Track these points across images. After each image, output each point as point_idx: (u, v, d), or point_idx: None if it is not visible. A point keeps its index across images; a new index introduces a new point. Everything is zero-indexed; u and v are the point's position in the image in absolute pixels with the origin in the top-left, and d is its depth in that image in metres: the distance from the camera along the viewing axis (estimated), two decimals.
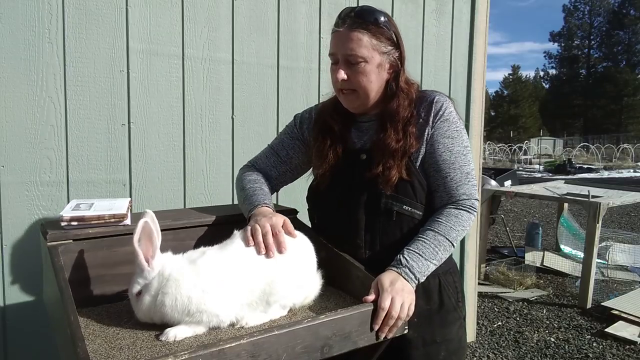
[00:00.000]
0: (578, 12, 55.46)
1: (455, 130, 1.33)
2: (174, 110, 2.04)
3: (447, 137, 1.32)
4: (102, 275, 1.23)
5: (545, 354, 3.28)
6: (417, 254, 1.22)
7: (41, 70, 1.75)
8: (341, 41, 1.28)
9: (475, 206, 1.33)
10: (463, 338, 1.44)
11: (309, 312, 1.20)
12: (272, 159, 1.52)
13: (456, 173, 1.31)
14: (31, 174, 1.76)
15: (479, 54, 3.11)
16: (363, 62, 1.27)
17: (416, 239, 1.26)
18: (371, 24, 1.27)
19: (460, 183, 1.31)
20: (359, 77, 1.29)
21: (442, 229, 1.26)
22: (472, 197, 1.32)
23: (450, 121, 1.33)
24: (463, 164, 1.32)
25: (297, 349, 0.99)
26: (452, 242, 1.27)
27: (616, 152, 26.44)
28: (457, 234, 1.28)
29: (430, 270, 1.24)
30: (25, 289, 1.79)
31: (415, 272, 1.20)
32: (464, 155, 1.33)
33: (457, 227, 1.28)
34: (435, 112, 1.33)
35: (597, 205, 4.09)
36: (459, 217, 1.29)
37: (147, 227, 1.05)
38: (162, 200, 2.03)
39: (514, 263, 5.24)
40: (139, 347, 0.99)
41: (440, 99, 1.35)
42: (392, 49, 1.31)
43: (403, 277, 1.18)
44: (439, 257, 1.25)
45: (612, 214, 8.81)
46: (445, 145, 1.32)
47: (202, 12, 2.07)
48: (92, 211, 1.24)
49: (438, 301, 1.37)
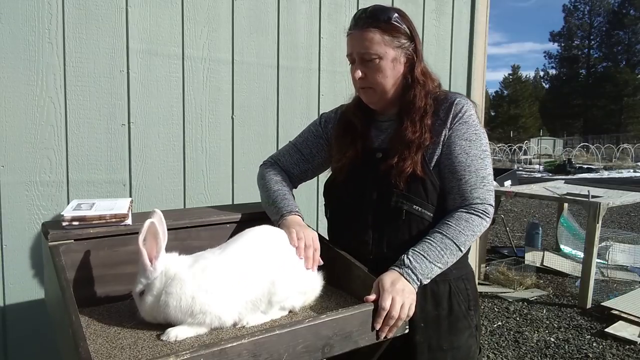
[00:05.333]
0: (578, 12, 55.47)
1: (474, 133, 1.32)
2: (174, 110, 2.04)
3: (464, 139, 1.31)
4: (103, 275, 1.23)
5: (545, 354, 3.28)
6: (422, 255, 1.21)
7: (41, 70, 1.75)
8: (355, 41, 1.33)
9: (488, 212, 1.29)
10: (473, 348, 1.40)
11: (310, 312, 1.20)
12: (296, 156, 1.53)
13: (471, 176, 1.29)
14: (31, 174, 1.76)
15: (479, 54, 3.11)
16: (377, 59, 1.30)
17: (423, 240, 1.25)
18: (382, 22, 1.30)
19: (474, 187, 1.29)
20: (374, 74, 1.32)
21: (451, 232, 1.24)
22: (486, 202, 1.29)
23: (469, 124, 1.32)
24: (479, 168, 1.30)
25: (298, 349, 0.99)
26: (459, 247, 1.24)
27: (616, 152, 26.43)
28: (465, 238, 1.25)
29: (435, 273, 1.22)
30: (25, 288, 1.79)
31: (417, 274, 1.18)
32: (481, 159, 1.31)
33: (467, 231, 1.25)
34: (455, 114, 1.32)
35: (597, 205, 4.09)
36: (470, 221, 1.26)
37: (153, 228, 1.05)
38: (162, 200, 2.03)
39: (514, 263, 5.23)
40: (140, 347, 0.98)
41: (462, 101, 1.34)
42: (407, 42, 1.34)
43: (405, 277, 1.17)
44: (444, 261, 1.23)
45: (612, 214, 8.81)
46: (462, 147, 1.30)
47: (202, 12, 2.07)
48: (93, 211, 1.24)
49: (447, 307, 1.34)
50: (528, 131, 48.54)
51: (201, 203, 2.12)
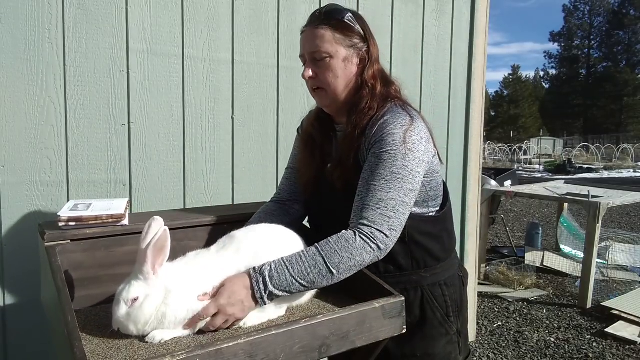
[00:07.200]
0: (578, 12, 55.43)
1: (388, 152, 1.19)
2: (174, 110, 2.05)
3: (375, 156, 1.20)
4: (99, 275, 1.23)
5: (545, 354, 3.28)
6: (285, 267, 1.10)
7: (41, 70, 1.75)
8: (306, 40, 1.31)
9: (375, 237, 1.14)
10: (453, 355, 1.35)
11: (306, 312, 1.20)
12: (293, 176, 1.52)
13: (367, 195, 1.18)
14: (31, 174, 1.76)
15: (479, 53, 3.11)
16: (328, 57, 1.27)
17: (299, 252, 1.15)
18: (334, 20, 1.28)
19: (366, 206, 1.16)
20: (325, 73, 1.29)
21: (326, 250, 1.13)
22: (374, 225, 1.15)
23: (386, 142, 1.19)
24: (378, 189, 1.17)
25: (295, 349, 0.99)
26: (330, 267, 1.11)
27: (616, 152, 26.41)
28: (340, 260, 1.12)
29: (296, 288, 1.10)
30: (25, 289, 1.79)
31: (269, 284, 1.08)
32: (385, 180, 1.17)
33: (343, 252, 1.12)
34: (377, 130, 1.23)
35: (597, 205, 4.09)
36: (350, 242, 1.13)
37: (164, 236, 1.01)
38: (162, 200, 2.04)
39: (514, 263, 5.23)
40: (136, 347, 0.99)
41: (390, 119, 1.23)
42: (360, 42, 1.31)
43: (252, 284, 1.08)
44: (309, 279, 1.11)
45: (612, 214, 8.81)
46: (369, 165, 1.21)
47: (202, 12, 2.08)
48: (89, 211, 1.25)
49: (419, 315, 1.31)
50: (528, 131, 48.50)
51: (201, 203, 2.13)
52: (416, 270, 1.33)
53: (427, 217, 1.34)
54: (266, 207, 1.48)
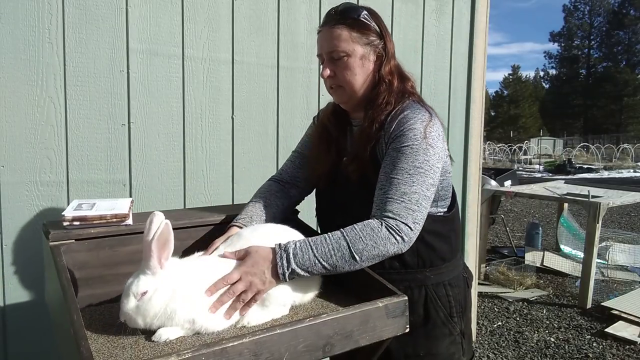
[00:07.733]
0: (578, 12, 55.52)
1: (410, 147, 1.20)
2: (174, 110, 2.04)
3: (397, 150, 1.22)
4: (104, 274, 1.23)
5: (545, 354, 3.28)
6: (310, 246, 1.12)
7: (41, 70, 1.75)
8: (323, 40, 1.32)
9: (401, 230, 1.16)
10: (456, 355, 1.35)
11: (310, 311, 1.20)
12: (298, 160, 1.54)
13: (390, 188, 1.19)
14: (31, 174, 1.76)
15: (479, 54, 3.11)
16: (345, 56, 1.29)
17: (323, 234, 1.16)
18: (350, 18, 1.28)
19: (391, 199, 1.17)
20: (343, 72, 1.31)
21: (351, 235, 1.14)
22: (399, 218, 1.16)
23: (407, 137, 1.21)
24: (402, 182, 1.18)
25: (299, 348, 0.99)
26: (353, 253, 1.13)
27: (616, 152, 26.44)
28: (364, 246, 1.13)
29: (317, 270, 1.12)
30: (25, 289, 1.79)
31: (292, 262, 1.09)
32: (408, 174, 1.19)
33: (368, 240, 1.13)
34: (397, 125, 1.24)
35: (597, 205, 4.10)
36: (376, 231, 1.15)
37: (167, 229, 1.01)
38: (162, 200, 2.03)
39: (514, 263, 5.24)
40: (141, 346, 0.98)
41: (410, 114, 1.24)
42: (377, 39, 1.32)
43: (276, 259, 1.10)
44: (332, 262, 1.12)
45: (612, 214, 8.81)
46: (391, 159, 1.22)
47: (202, 12, 2.07)
48: (94, 211, 1.25)
49: (423, 314, 1.31)
50: (528, 131, 48.55)
51: (201, 203, 2.12)
52: (421, 269, 1.33)
53: (437, 217, 1.34)
54: (269, 186, 1.50)
